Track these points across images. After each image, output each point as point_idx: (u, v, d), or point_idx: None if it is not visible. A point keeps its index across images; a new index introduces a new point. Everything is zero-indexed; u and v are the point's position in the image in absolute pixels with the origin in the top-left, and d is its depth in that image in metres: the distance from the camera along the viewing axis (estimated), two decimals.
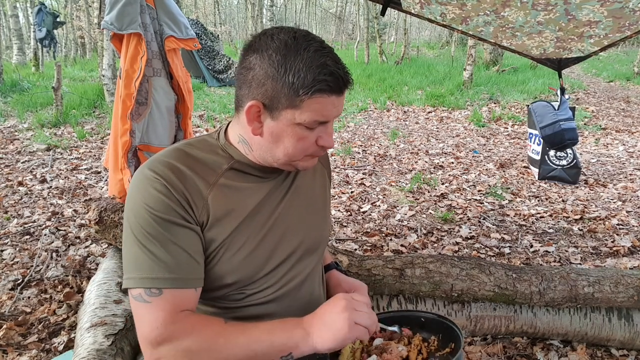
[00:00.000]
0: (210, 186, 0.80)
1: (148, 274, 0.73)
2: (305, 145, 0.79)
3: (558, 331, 1.70)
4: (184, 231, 0.76)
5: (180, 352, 0.72)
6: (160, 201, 0.75)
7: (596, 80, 11.55)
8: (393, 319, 0.94)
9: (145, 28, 1.84)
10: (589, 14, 1.64)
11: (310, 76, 0.72)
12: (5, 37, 17.59)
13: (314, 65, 0.72)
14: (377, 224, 3.06)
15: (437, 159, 4.77)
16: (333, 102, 0.76)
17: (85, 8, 13.19)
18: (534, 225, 3.06)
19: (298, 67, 0.72)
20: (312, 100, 0.74)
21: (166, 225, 0.74)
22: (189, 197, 0.77)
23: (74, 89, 7.37)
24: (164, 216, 0.74)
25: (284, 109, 0.75)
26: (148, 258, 0.73)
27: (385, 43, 17.17)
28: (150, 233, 0.74)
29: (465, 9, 1.78)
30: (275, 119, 0.76)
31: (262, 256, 0.84)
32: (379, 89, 9.19)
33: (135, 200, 0.76)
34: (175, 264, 0.74)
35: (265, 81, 0.74)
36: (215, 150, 0.85)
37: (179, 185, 0.76)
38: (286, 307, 0.89)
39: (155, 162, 0.79)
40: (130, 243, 0.75)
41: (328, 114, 0.77)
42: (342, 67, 0.75)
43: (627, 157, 4.89)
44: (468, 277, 1.63)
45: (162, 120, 1.96)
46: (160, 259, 0.73)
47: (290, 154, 0.79)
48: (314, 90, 0.72)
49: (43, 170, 3.99)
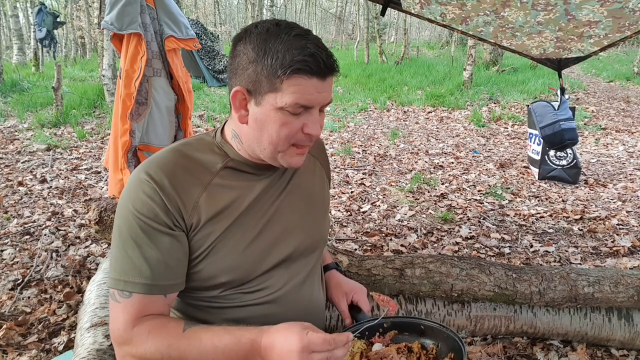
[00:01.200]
0: (204, 187, 0.80)
1: (122, 276, 0.76)
2: (289, 132, 0.76)
3: (558, 331, 1.70)
4: (166, 238, 0.77)
5: (137, 357, 0.76)
6: (147, 206, 0.76)
7: (596, 80, 11.55)
8: (392, 324, 0.93)
9: (145, 28, 1.84)
10: (588, 14, 1.63)
11: (288, 57, 0.71)
12: (6, 37, 17.59)
13: (294, 47, 0.72)
14: (377, 224, 3.06)
15: (437, 159, 4.77)
16: (315, 86, 0.74)
17: (85, 8, 13.20)
18: (534, 225, 3.06)
19: (277, 49, 0.72)
20: (290, 81, 0.72)
21: (148, 231, 0.76)
22: (179, 202, 0.77)
23: (74, 89, 7.37)
24: (147, 222, 0.76)
25: (266, 94, 0.75)
26: (125, 261, 0.76)
27: (385, 43, 17.17)
28: (131, 236, 0.76)
29: (465, 9, 1.78)
30: (259, 105, 0.76)
31: (257, 254, 0.84)
32: (379, 89, 9.19)
33: (125, 201, 0.78)
34: (149, 270, 0.76)
35: (248, 66, 0.75)
36: (212, 148, 0.85)
37: (170, 191, 0.77)
38: (286, 308, 0.89)
39: (152, 165, 0.79)
40: (115, 242, 0.78)
41: (310, 97, 0.74)
42: (325, 51, 0.74)
43: (627, 157, 4.89)
44: (468, 277, 1.63)
45: (162, 120, 1.96)
46: (135, 263, 0.76)
47: (274, 141, 0.77)
48: (292, 69, 0.71)
49: (43, 170, 3.99)
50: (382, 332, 0.93)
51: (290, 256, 0.89)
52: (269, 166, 0.85)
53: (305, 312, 0.93)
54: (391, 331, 0.93)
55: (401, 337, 0.92)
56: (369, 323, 0.92)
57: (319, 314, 0.99)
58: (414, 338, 0.91)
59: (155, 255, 0.76)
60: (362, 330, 0.90)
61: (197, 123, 6.11)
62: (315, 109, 0.77)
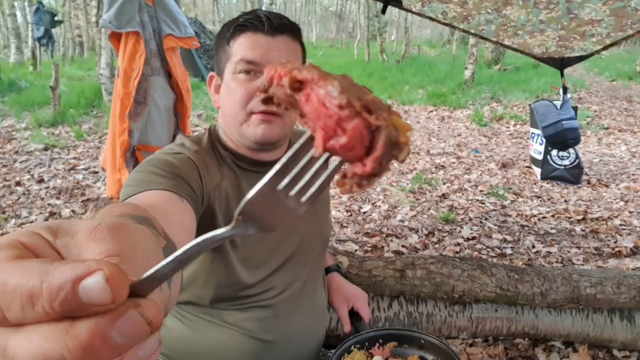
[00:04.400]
0: (221, 175, 0.80)
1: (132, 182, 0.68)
2: (242, 94, 0.73)
3: (560, 332, 1.68)
4: (187, 186, 0.70)
5: None
6: (178, 156, 0.73)
7: (598, 79, 11.52)
8: (393, 336, 0.93)
9: (143, 26, 1.82)
10: (591, 12, 1.62)
11: (235, 22, 0.75)
12: (3, 36, 17.62)
13: (242, 15, 0.75)
14: (378, 224, 3.05)
15: (439, 159, 4.75)
16: (260, 42, 0.72)
17: (83, 7, 13.19)
18: (536, 225, 3.04)
19: (228, 23, 0.76)
20: (236, 41, 0.74)
21: (173, 166, 0.70)
22: (205, 174, 0.76)
23: (71, 88, 7.36)
24: (174, 162, 0.70)
25: (225, 66, 0.76)
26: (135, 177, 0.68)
27: (386, 41, 17.15)
28: (150, 163, 0.69)
29: (467, 7, 1.76)
30: (222, 80, 0.78)
31: (261, 258, 0.83)
32: (379, 88, 9.16)
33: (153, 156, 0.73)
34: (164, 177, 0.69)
35: (214, 50, 0.79)
36: (211, 141, 0.85)
37: (199, 162, 0.76)
38: (290, 310, 0.88)
39: (169, 147, 0.79)
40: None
41: (256, 52, 0.72)
42: (275, 14, 0.74)
43: (630, 156, 4.87)
44: (469, 278, 1.61)
45: (161, 119, 1.95)
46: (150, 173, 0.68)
47: (234, 110, 0.75)
48: (235, 29, 0.73)
49: (40, 170, 3.98)
50: (382, 342, 0.93)
51: (292, 256, 0.88)
52: (263, 162, 0.84)
53: (308, 313, 0.92)
54: (391, 343, 0.93)
55: (401, 349, 0.92)
56: (370, 333, 0.92)
57: (321, 314, 0.99)
58: (413, 351, 0.91)
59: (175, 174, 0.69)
60: (361, 341, 0.90)
61: (196, 122, 6.10)
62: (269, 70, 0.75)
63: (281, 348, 0.88)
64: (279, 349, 0.88)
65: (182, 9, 2.80)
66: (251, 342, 0.85)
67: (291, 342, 0.90)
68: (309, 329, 0.94)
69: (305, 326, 0.92)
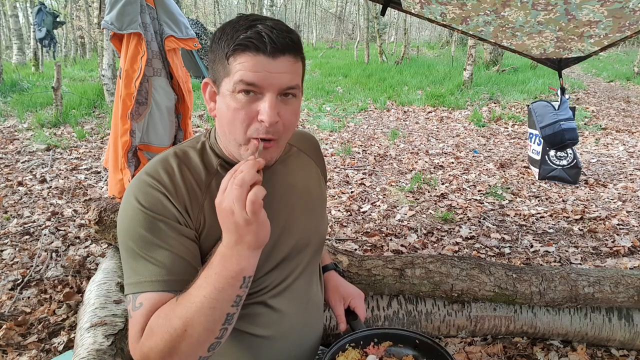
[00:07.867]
0: (206, 188, 0.80)
1: (134, 278, 0.74)
2: (242, 118, 0.72)
3: (558, 331, 1.69)
4: (174, 233, 0.75)
5: (156, 352, 0.70)
6: (154, 199, 0.75)
7: (596, 80, 11.54)
8: (388, 335, 0.94)
9: (145, 28, 1.84)
10: (589, 13, 1.63)
11: (235, 36, 0.70)
12: (5, 37, 17.59)
13: (242, 28, 0.71)
14: (377, 224, 3.06)
15: (437, 159, 4.77)
16: (261, 63, 0.70)
17: (85, 8, 13.20)
18: (534, 225, 3.06)
19: (227, 32, 0.72)
20: (236, 60, 0.71)
21: (156, 225, 0.74)
22: (186, 202, 0.77)
23: (73, 89, 7.37)
24: (155, 215, 0.74)
25: (222, 80, 0.74)
26: (134, 263, 0.75)
27: (385, 43, 17.16)
28: (139, 235, 0.74)
29: (466, 8, 1.78)
30: (219, 93, 0.76)
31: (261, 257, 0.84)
32: (379, 89, 9.18)
33: (128, 198, 0.76)
34: (158, 268, 0.74)
35: (210, 56, 0.76)
36: (206, 149, 0.85)
37: (175, 191, 0.77)
38: (286, 307, 0.89)
39: (153, 166, 0.79)
40: (123, 246, 0.77)
41: (257, 75, 0.70)
42: (277, 31, 0.70)
43: (628, 157, 4.88)
44: (468, 277, 1.63)
45: (162, 120, 1.96)
46: (147, 262, 0.74)
47: (232, 131, 0.75)
48: (235, 46, 0.70)
49: (43, 170, 3.99)
50: (377, 342, 0.93)
51: (289, 255, 0.89)
52: None
53: (304, 309, 0.93)
54: (386, 342, 0.93)
55: (395, 348, 0.93)
56: (364, 332, 0.92)
57: (317, 311, 1.00)
58: (408, 351, 0.91)
59: (166, 249, 0.74)
60: (357, 339, 0.91)
61: (197, 123, 6.11)
62: (270, 93, 0.72)
63: (277, 344, 0.89)
64: (275, 345, 0.88)
65: (183, 11, 2.80)
66: (247, 338, 0.86)
67: (287, 338, 0.90)
68: (305, 325, 0.94)
69: (301, 322, 0.93)
